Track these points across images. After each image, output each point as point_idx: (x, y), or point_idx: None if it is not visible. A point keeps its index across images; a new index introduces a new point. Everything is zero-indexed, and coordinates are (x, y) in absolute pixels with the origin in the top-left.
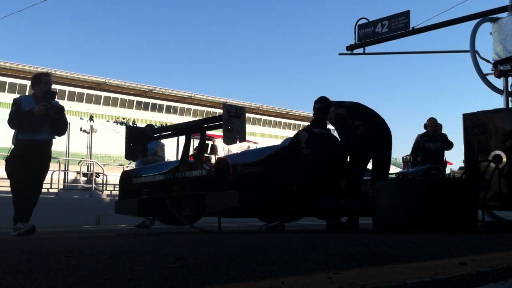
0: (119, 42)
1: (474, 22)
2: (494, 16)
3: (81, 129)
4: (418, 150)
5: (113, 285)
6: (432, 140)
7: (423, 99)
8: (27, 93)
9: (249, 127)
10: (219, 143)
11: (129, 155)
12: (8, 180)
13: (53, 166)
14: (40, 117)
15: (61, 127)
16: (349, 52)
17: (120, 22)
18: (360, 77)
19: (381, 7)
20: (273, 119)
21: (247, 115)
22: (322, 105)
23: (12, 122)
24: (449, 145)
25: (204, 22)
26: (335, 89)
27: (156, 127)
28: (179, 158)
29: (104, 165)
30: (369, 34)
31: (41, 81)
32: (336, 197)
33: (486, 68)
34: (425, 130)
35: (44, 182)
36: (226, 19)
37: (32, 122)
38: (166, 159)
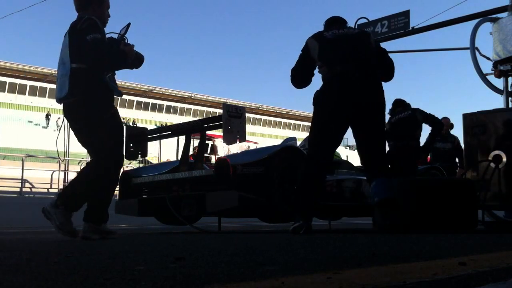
0: None
1: (474, 22)
2: (494, 16)
3: None
4: (428, 150)
5: (113, 285)
6: (443, 140)
7: (422, 99)
8: (26, 94)
9: (249, 127)
10: (219, 143)
11: (129, 155)
12: (9, 180)
13: (53, 166)
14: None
15: None
16: None
17: (119, 22)
18: None
19: (381, 6)
20: (273, 119)
21: (247, 115)
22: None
23: (105, 56)
24: (460, 151)
25: (204, 22)
26: None
27: (156, 127)
28: (179, 158)
29: None
30: None
31: (104, 0)
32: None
33: (486, 68)
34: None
35: (44, 182)
36: (226, 19)
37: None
38: (166, 159)
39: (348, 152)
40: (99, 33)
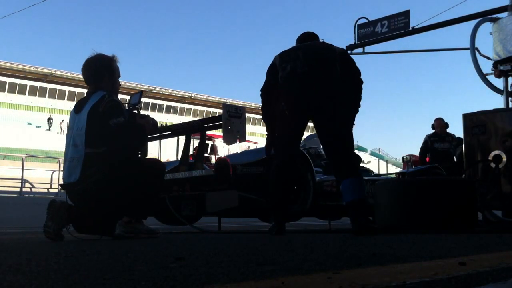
0: (119, 42)
1: (474, 22)
2: (494, 16)
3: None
4: (426, 151)
5: (113, 285)
6: (441, 140)
7: (423, 99)
8: (26, 94)
9: (249, 127)
10: (219, 143)
11: None
12: (9, 180)
13: (53, 166)
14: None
15: None
16: (348, 52)
17: (119, 22)
18: None
19: (381, 7)
20: None
21: (247, 115)
22: None
23: (128, 141)
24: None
25: (204, 22)
26: None
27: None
28: (179, 158)
29: None
30: (369, 34)
31: (115, 70)
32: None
33: (486, 68)
34: (433, 131)
35: (44, 182)
36: (226, 19)
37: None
38: (166, 159)
39: None
40: (122, 116)
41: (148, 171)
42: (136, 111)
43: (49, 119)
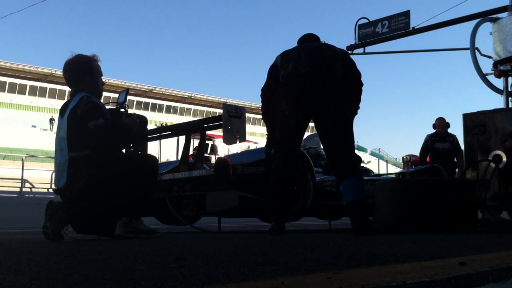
0: (119, 42)
1: (474, 22)
2: (494, 16)
3: None
4: (427, 150)
5: (113, 285)
6: (441, 140)
7: (423, 99)
8: (26, 94)
9: (249, 127)
10: (219, 143)
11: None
12: (9, 180)
13: (53, 166)
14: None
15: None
16: (349, 52)
17: (119, 22)
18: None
19: (381, 7)
20: None
21: (247, 115)
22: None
23: (110, 143)
24: (458, 150)
25: (204, 22)
26: None
27: (156, 127)
28: (179, 158)
29: None
30: (369, 34)
31: (96, 70)
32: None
33: (486, 68)
34: (434, 130)
35: (44, 182)
36: (227, 19)
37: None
38: (166, 159)
39: None
40: (102, 117)
41: (140, 169)
42: (123, 110)
43: (51, 119)
